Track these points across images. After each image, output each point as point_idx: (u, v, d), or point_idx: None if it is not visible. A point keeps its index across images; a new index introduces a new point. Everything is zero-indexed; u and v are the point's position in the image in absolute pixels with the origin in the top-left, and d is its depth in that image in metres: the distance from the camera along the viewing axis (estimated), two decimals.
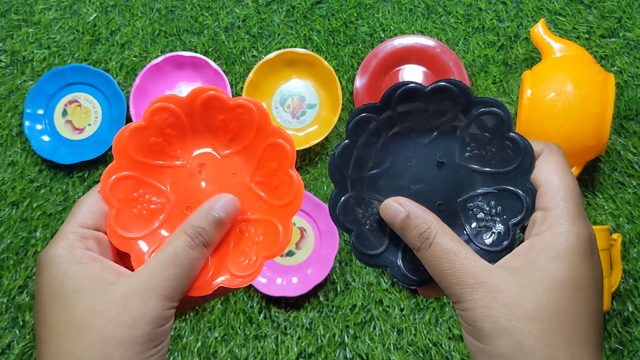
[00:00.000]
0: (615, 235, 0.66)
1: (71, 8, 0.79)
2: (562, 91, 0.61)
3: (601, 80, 0.62)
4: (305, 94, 0.75)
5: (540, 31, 0.67)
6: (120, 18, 0.78)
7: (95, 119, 0.76)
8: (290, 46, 0.76)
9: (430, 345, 0.68)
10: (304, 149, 0.74)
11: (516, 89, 0.73)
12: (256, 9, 0.78)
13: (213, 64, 0.73)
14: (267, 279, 0.70)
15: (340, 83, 0.72)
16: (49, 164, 0.76)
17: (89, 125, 0.76)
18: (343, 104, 0.74)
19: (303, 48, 0.74)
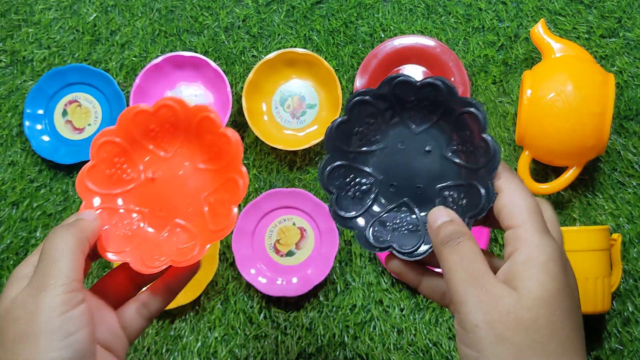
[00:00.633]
0: (615, 235, 0.66)
1: (71, 8, 0.79)
2: (562, 91, 0.61)
3: (601, 80, 0.62)
4: (305, 94, 0.75)
5: (540, 31, 0.67)
6: (120, 18, 0.78)
7: (95, 119, 0.76)
8: (290, 46, 0.76)
9: (430, 345, 0.68)
10: (304, 149, 0.74)
11: (516, 89, 0.73)
12: (256, 9, 0.78)
13: (213, 64, 0.73)
14: (267, 279, 0.70)
15: (340, 83, 0.72)
16: (49, 164, 0.76)
17: (89, 125, 0.76)
18: (343, 104, 0.74)
19: (303, 48, 0.74)
